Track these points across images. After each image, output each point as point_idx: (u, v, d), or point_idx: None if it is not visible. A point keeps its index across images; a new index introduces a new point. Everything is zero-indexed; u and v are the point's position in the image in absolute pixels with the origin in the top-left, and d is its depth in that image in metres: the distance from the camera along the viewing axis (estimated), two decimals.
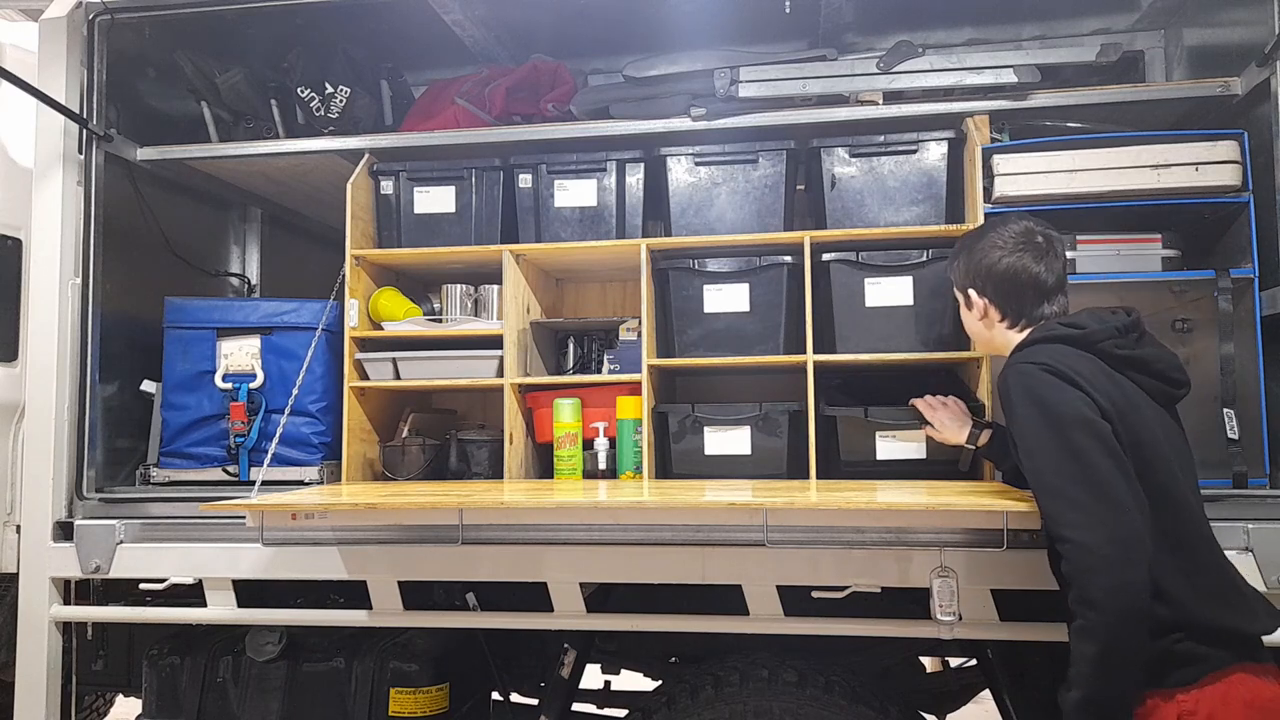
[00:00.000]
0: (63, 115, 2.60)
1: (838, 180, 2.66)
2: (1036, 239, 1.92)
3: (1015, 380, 1.72)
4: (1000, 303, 1.95)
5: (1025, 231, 1.94)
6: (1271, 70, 2.28)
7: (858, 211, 2.66)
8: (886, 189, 2.64)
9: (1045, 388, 1.67)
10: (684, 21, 2.91)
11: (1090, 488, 1.57)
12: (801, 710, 2.21)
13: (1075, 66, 2.69)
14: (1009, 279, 1.92)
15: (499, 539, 2.23)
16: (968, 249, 2.02)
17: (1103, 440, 1.60)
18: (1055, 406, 1.64)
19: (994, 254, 1.94)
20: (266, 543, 2.32)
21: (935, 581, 2.01)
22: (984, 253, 1.96)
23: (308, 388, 2.72)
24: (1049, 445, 1.63)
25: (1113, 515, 1.54)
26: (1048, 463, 1.62)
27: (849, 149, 2.65)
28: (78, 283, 2.63)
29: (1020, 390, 1.70)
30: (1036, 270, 1.90)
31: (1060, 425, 1.62)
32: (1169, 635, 1.59)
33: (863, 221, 2.65)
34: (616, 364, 2.82)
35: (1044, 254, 1.91)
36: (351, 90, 2.93)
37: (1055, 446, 1.62)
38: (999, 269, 1.93)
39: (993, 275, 1.94)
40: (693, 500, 2.08)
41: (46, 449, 2.56)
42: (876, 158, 2.65)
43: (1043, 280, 1.91)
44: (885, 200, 2.64)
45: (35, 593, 2.52)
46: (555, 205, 2.83)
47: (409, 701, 2.51)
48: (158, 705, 2.62)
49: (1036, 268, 1.90)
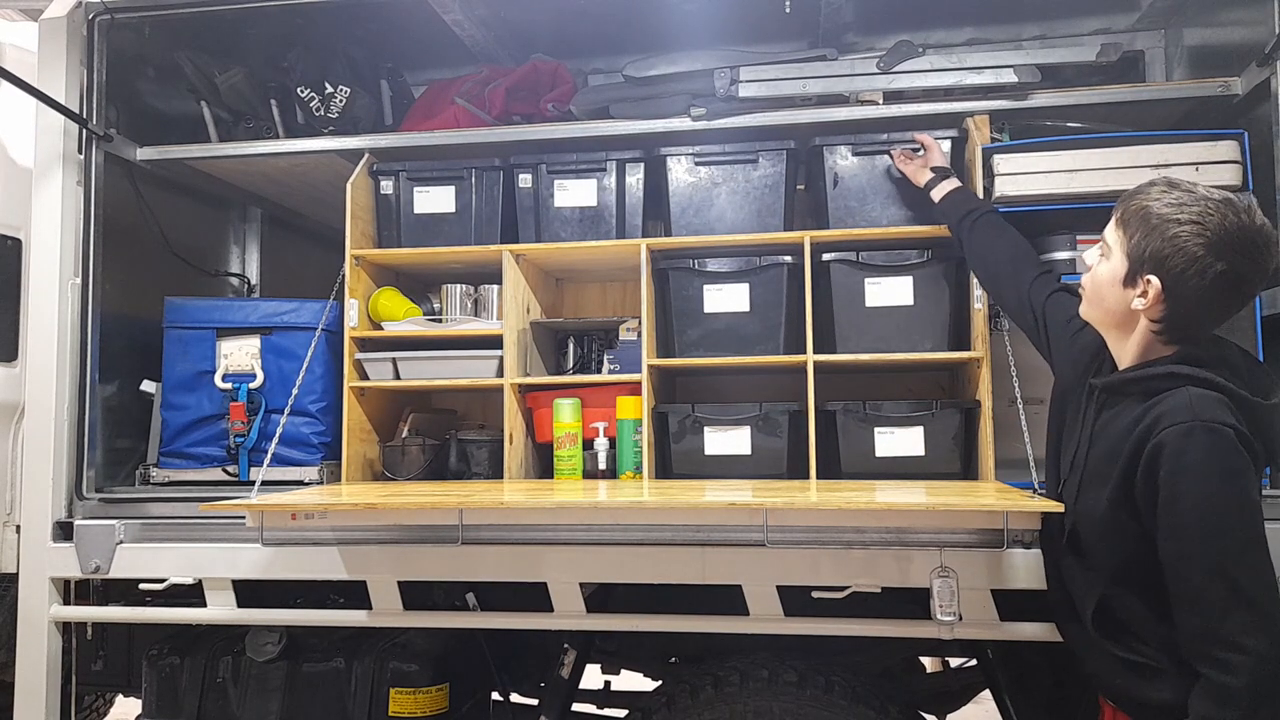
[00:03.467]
0: (63, 115, 2.60)
1: (840, 178, 2.66)
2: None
3: (1209, 443, 1.48)
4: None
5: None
6: (1272, 70, 2.28)
7: (860, 210, 2.66)
8: (889, 187, 2.64)
9: (1240, 461, 1.48)
10: (684, 21, 2.90)
11: (1267, 589, 1.44)
12: (802, 710, 2.21)
13: (1075, 66, 2.69)
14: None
15: (499, 539, 2.23)
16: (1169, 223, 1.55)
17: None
18: (1249, 490, 1.49)
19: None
20: (266, 543, 2.32)
21: (935, 581, 2.01)
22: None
23: (307, 388, 2.72)
24: (1238, 532, 1.46)
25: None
26: (1233, 550, 1.45)
27: (851, 147, 2.65)
28: (77, 283, 2.63)
29: (1217, 456, 1.47)
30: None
31: (1252, 512, 1.48)
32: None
33: (865, 220, 2.65)
34: (616, 364, 2.82)
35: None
36: (351, 90, 2.93)
37: (1244, 536, 1.46)
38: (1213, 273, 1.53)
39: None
40: (693, 500, 2.08)
41: (46, 449, 2.56)
42: (879, 155, 2.65)
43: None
44: (888, 199, 2.64)
45: (35, 593, 2.51)
46: (555, 205, 2.83)
47: (409, 701, 2.50)
48: (157, 705, 2.62)
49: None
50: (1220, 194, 1.55)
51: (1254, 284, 1.56)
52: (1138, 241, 1.57)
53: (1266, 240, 1.53)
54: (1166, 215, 1.54)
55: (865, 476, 2.52)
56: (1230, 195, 1.56)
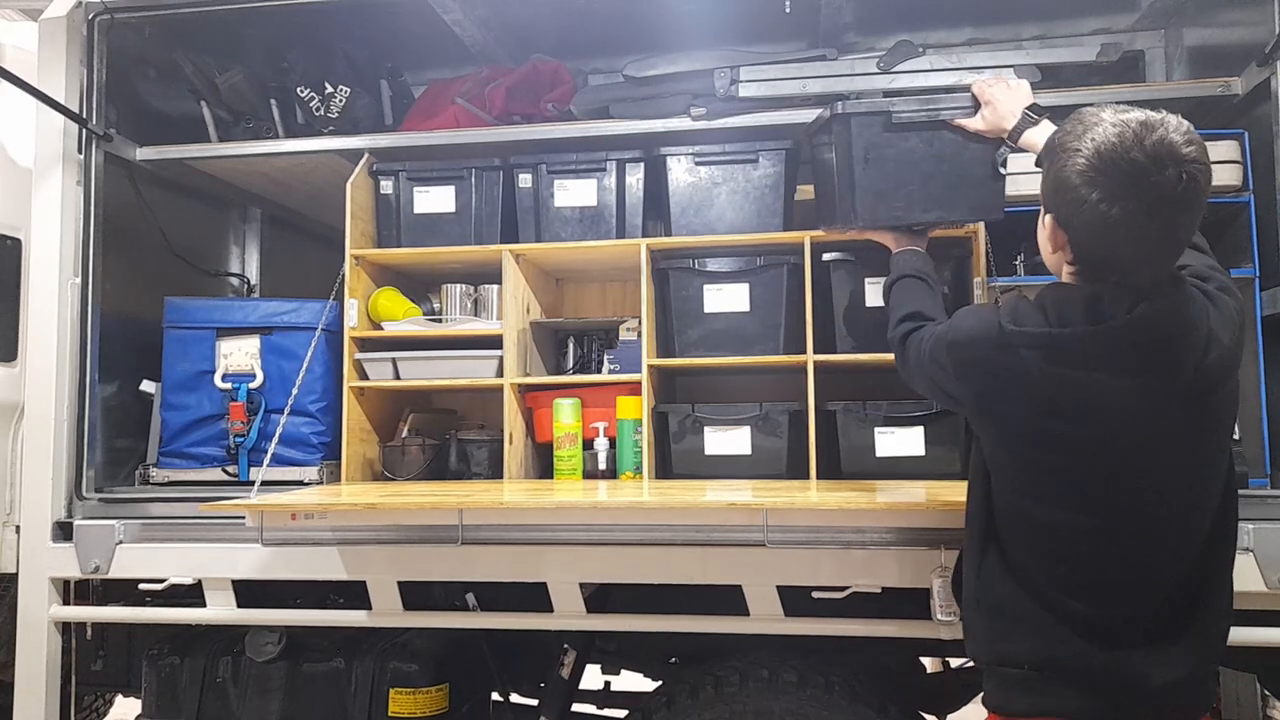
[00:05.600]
0: (62, 115, 2.60)
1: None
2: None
3: (968, 311, 1.66)
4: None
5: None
6: (1271, 70, 2.28)
7: None
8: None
9: (984, 334, 1.57)
10: (684, 21, 2.90)
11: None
12: (802, 710, 2.21)
13: (1075, 66, 2.69)
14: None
15: (499, 539, 2.23)
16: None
17: None
18: (963, 348, 1.62)
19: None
20: (266, 543, 2.32)
21: (935, 581, 2.00)
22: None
23: (307, 388, 2.72)
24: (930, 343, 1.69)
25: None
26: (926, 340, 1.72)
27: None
28: (77, 283, 2.63)
29: (968, 316, 1.63)
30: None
31: (944, 350, 1.66)
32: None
33: None
34: (616, 364, 2.82)
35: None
36: (351, 90, 2.93)
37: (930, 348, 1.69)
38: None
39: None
40: (693, 500, 2.08)
41: (46, 449, 2.56)
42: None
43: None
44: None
45: (35, 593, 2.51)
46: (555, 205, 2.83)
47: (409, 702, 2.50)
48: (157, 705, 2.62)
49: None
50: (1122, 119, 1.38)
51: (1147, 212, 1.36)
52: (1043, 179, 1.50)
53: (1157, 160, 1.34)
54: (1060, 144, 1.45)
55: (865, 476, 2.52)
56: (1137, 114, 1.38)
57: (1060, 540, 1.51)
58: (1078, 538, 1.50)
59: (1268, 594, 2.01)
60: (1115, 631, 1.48)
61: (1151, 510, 1.48)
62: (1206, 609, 1.51)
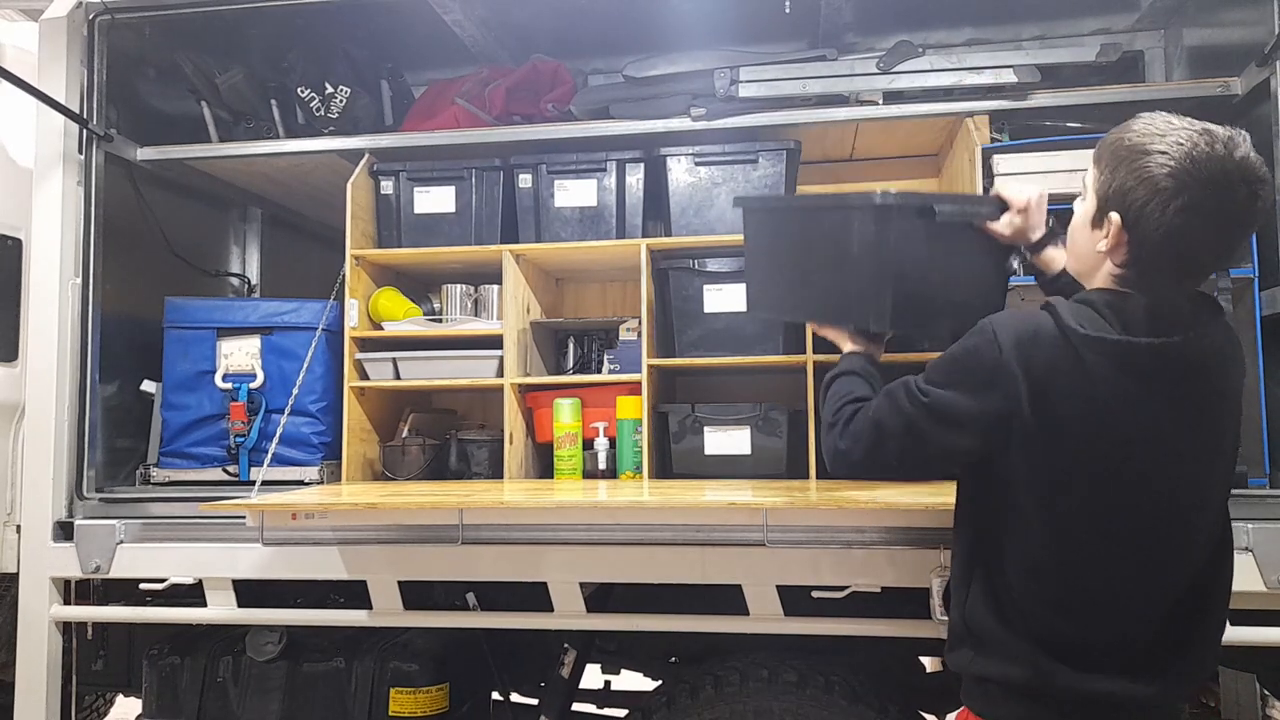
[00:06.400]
0: (63, 115, 2.60)
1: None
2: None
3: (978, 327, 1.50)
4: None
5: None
6: (1271, 70, 2.28)
7: None
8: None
9: (982, 355, 1.48)
10: (684, 21, 2.90)
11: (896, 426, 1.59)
12: (802, 710, 2.21)
13: (1075, 66, 2.69)
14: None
15: (499, 539, 2.23)
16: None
17: None
18: (963, 373, 1.53)
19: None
20: (266, 543, 2.32)
21: (935, 581, 2.00)
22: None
23: (308, 388, 2.72)
24: (931, 376, 1.55)
25: None
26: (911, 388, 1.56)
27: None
28: (78, 283, 2.63)
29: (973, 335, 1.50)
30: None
31: (942, 384, 1.55)
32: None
33: None
34: (616, 364, 2.82)
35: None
36: (351, 90, 2.93)
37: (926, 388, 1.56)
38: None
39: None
40: (692, 500, 2.08)
41: (46, 449, 2.56)
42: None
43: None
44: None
45: (35, 593, 2.52)
46: (555, 205, 2.83)
47: (409, 701, 2.50)
48: (158, 705, 2.62)
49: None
50: (1202, 124, 1.37)
51: (1220, 226, 1.35)
52: (1106, 177, 1.43)
53: (1244, 175, 1.33)
54: (1135, 145, 1.39)
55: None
56: (1212, 125, 1.37)
57: (1065, 562, 1.44)
58: (1088, 560, 1.44)
59: (1267, 594, 2.01)
60: (1108, 657, 1.44)
61: (1165, 531, 1.43)
62: (1205, 629, 1.49)
